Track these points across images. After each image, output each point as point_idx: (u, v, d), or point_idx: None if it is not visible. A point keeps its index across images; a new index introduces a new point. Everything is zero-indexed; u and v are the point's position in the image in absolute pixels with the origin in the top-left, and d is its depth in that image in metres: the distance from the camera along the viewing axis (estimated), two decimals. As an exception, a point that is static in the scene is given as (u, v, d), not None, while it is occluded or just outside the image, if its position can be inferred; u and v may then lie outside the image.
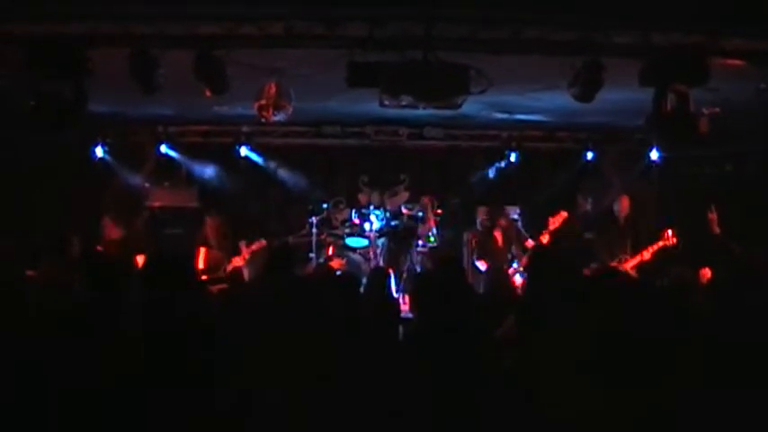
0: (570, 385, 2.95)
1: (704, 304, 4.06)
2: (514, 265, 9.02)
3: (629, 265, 8.40)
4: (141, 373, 2.99)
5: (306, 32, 6.17)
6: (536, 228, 9.31)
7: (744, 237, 7.60)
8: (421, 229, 10.74)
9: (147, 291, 3.61)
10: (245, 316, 3.94)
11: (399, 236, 10.80)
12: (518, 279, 8.57)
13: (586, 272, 7.07)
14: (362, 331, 4.02)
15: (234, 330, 3.54)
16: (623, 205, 8.89)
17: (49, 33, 6.02)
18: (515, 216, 11.05)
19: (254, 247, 9.11)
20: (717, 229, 8.00)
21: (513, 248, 9.18)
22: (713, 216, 8.04)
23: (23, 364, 3.04)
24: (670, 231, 8.36)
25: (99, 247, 8.11)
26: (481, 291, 7.98)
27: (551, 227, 8.89)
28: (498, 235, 9.25)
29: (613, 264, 8.34)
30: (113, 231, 8.48)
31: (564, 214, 8.99)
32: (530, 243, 9.05)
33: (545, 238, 8.84)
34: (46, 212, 9.81)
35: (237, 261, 9.04)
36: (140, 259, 8.00)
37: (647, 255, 8.38)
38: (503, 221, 9.40)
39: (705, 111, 6.93)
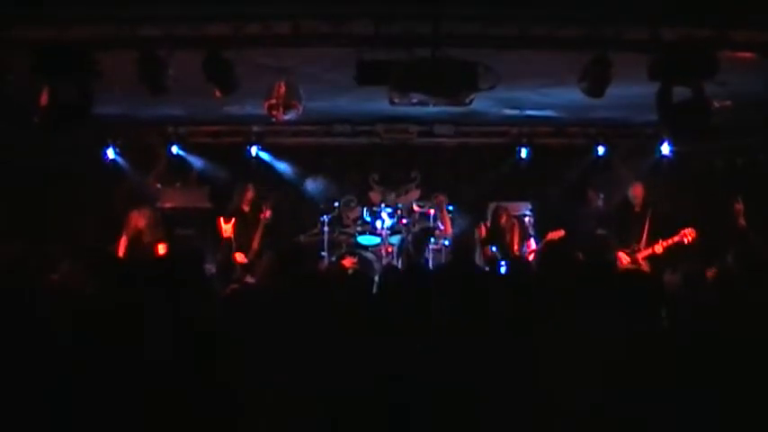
0: (575, 381, 2.94)
1: (714, 300, 4.03)
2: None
3: (641, 255, 8.33)
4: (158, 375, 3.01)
5: (313, 31, 6.18)
6: (546, 225, 9.33)
7: (755, 230, 7.55)
8: (438, 233, 10.71)
9: (159, 291, 3.63)
10: (256, 316, 3.94)
11: (416, 235, 10.79)
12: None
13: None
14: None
15: (244, 330, 3.54)
16: (637, 192, 8.77)
17: (56, 37, 6.04)
18: (527, 212, 11.07)
19: None
20: (743, 221, 7.84)
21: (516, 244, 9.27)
22: (740, 207, 7.88)
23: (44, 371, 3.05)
24: (687, 230, 8.02)
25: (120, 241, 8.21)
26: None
27: (547, 238, 8.99)
28: (502, 231, 9.38)
29: (625, 252, 8.33)
30: (139, 221, 8.45)
31: (561, 232, 8.95)
32: (531, 244, 9.09)
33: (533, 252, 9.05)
34: (58, 214, 9.86)
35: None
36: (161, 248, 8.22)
37: (659, 249, 8.24)
38: (503, 218, 9.44)
39: (716, 103, 6.89)
